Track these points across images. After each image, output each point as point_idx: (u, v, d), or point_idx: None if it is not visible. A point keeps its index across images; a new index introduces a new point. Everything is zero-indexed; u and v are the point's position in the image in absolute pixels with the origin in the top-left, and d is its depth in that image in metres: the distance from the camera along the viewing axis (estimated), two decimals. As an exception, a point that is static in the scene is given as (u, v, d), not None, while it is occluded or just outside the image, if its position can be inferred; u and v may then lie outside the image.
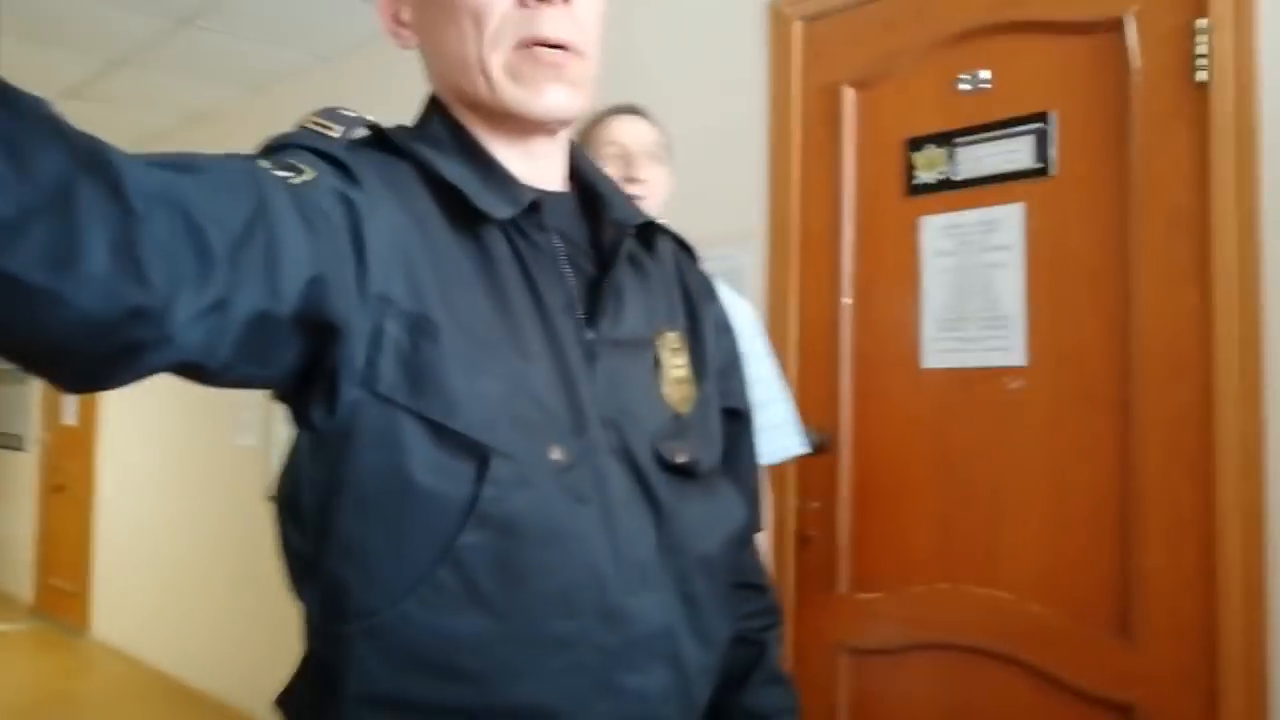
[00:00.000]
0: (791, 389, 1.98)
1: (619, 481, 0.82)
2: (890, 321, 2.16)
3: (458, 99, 0.88)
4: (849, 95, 2.26)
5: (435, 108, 0.90)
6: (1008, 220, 2.00)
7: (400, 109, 0.96)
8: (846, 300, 2.23)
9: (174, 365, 0.63)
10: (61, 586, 5.92)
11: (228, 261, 0.60)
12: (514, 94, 0.84)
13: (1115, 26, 1.87)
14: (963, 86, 2.09)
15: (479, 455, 0.75)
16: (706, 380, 0.95)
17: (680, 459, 0.87)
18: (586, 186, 0.94)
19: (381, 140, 0.83)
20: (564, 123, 0.89)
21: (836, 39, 2.30)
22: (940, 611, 2.02)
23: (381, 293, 0.74)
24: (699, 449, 0.89)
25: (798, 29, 2.36)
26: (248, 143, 0.80)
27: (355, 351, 0.73)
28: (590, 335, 0.84)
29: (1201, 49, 1.75)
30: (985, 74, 2.06)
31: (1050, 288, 1.94)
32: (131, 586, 5.20)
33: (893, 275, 2.17)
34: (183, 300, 0.58)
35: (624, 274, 0.90)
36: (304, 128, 0.81)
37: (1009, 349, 1.98)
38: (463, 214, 0.82)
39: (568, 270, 0.86)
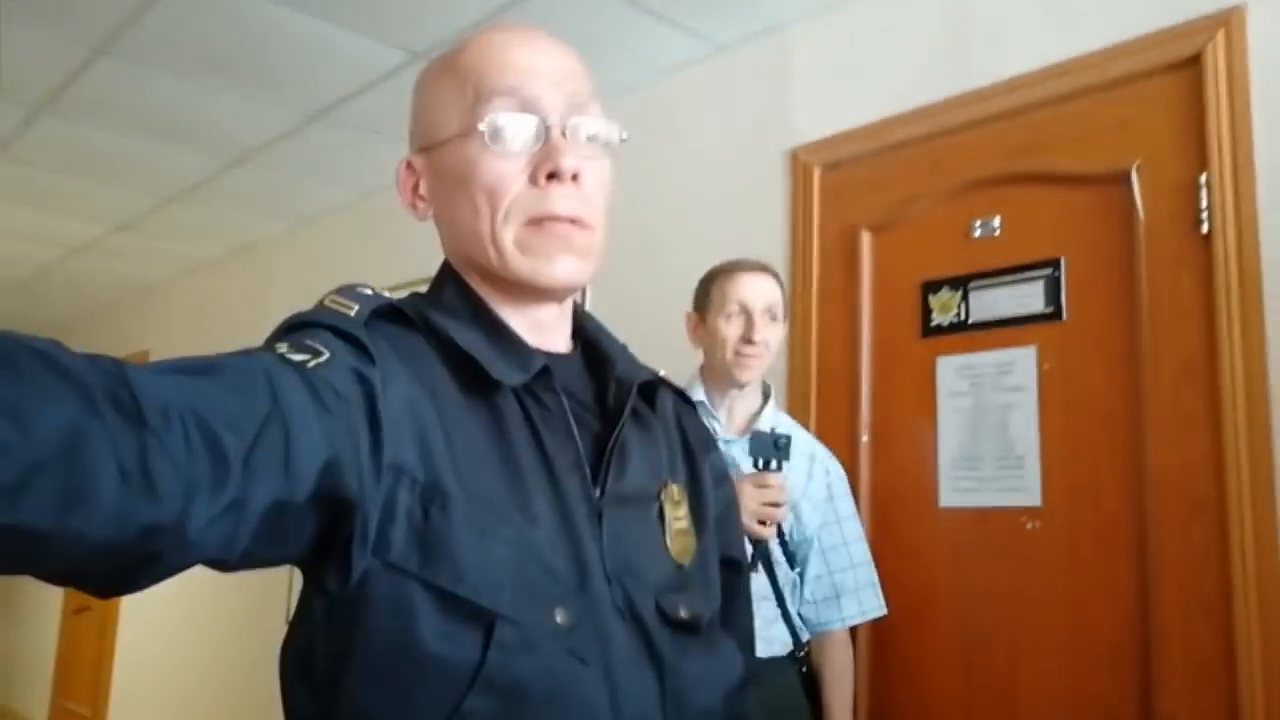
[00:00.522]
0: (809, 525, 1.99)
1: (622, 639, 0.83)
2: (907, 460, 2.19)
3: (470, 267, 0.92)
4: (866, 239, 2.35)
5: (449, 274, 0.94)
6: (1021, 362, 2.04)
7: (422, 241, 1.00)
8: (864, 438, 2.26)
9: (194, 564, 0.65)
10: (77, 710, 5.86)
11: (242, 464, 0.63)
12: (524, 265, 0.88)
13: (1122, 179, 1.95)
14: (976, 233, 2.16)
15: (485, 621, 0.76)
16: (706, 531, 0.96)
17: (683, 614, 0.88)
18: (590, 343, 0.97)
19: (395, 314, 0.86)
20: (571, 291, 0.93)
21: (855, 186, 2.39)
22: (961, 757, 1.98)
23: (395, 462, 0.76)
24: (700, 602, 0.91)
25: (817, 176, 2.46)
26: (291, 272, 0.86)
27: (369, 522, 0.74)
28: (596, 493, 0.86)
29: (1204, 201, 1.82)
30: (997, 221, 2.13)
31: (1064, 429, 1.96)
32: (148, 711, 5.14)
33: (910, 414, 2.20)
34: (198, 507, 0.60)
35: (629, 430, 0.92)
36: (323, 306, 0.84)
37: (1024, 489, 1.99)
38: (476, 380, 0.85)
39: (575, 430, 0.88)
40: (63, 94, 3.22)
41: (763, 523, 1.74)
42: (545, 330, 0.93)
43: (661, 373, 1.02)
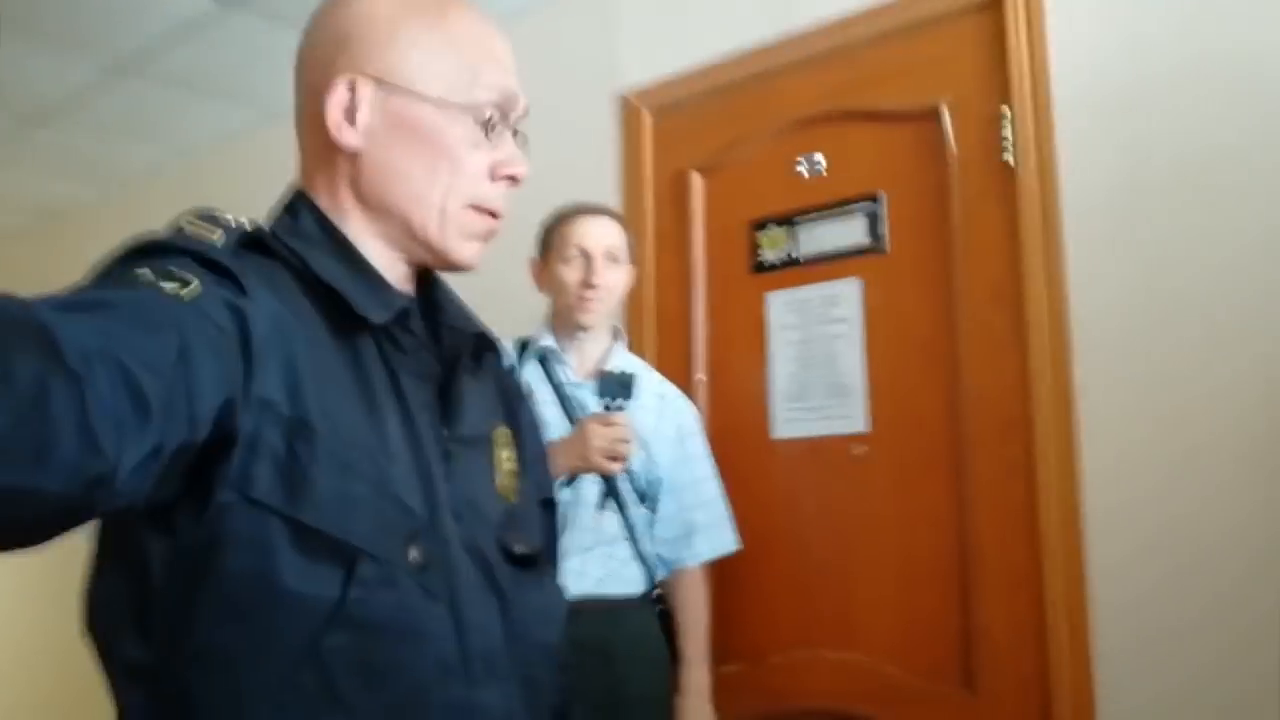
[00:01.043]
0: (647, 463, 2.01)
1: (468, 575, 0.84)
2: (742, 395, 2.23)
3: (371, 217, 0.91)
4: (697, 181, 2.37)
5: (304, 204, 0.92)
6: (847, 294, 2.11)
7: (261, 205, 0.96)
8: (700, 376, 2.29)
9: (106, 512, 0.64)
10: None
11: (161, 409, 0.62)
12: (454, 244, 0.91)
13: (934, 115, 2.02)
14: (800, 170, 2.21)
15: (347, 558, 0.76)
16: (527, 473, 0.99)
17: (519, 549, 0.90)
18: (427, 290, 0.98)
19: (257, 244, 0.84)
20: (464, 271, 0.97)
21: (684, 129, 2.41)
22: (799, 679, 2.05)
23: (262, 397, 0.74)
24: (530, 539, 0.94)
25: (647, 119, 2.46)
26: (105, 243, 0.78)
27: (234, 457, 0.73)
28: (445, 434, 0.88)
29: (1007, 133, 1.90)
30: (820, 158, 2.18)
31: (888, 357, 2.04)
32: None
33: (743, 351, 2.24)
34: (128, 455, 0.59)
35: (465, 375, 0.94)
36: (182, 231, 0.80)
37: (852, 416, 2.06)
38: (338, 316, 0.85)
39: (425, 369, 0.90)
40: None
41: (614, 459, 1.75)
42: (403, 280, 0.94)
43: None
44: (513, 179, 0.93)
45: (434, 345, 0.94)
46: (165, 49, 3.00)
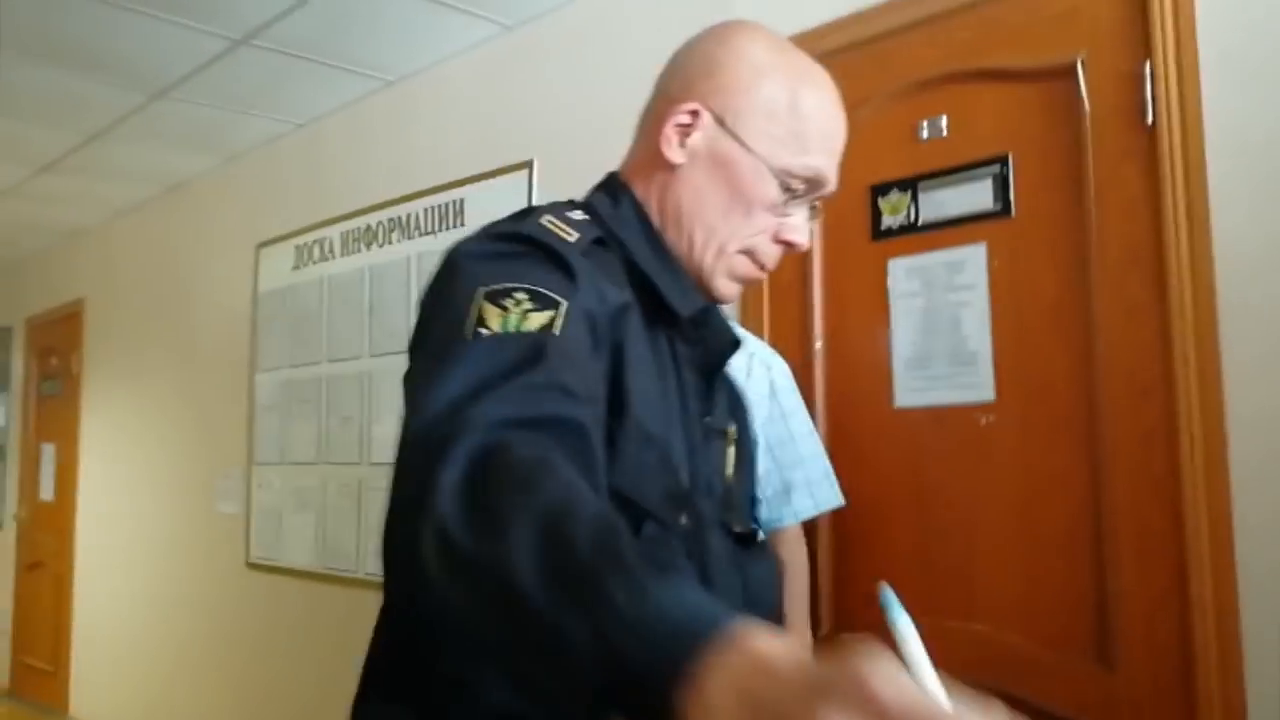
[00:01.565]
0: (768, 431, 2.01)
1: (715, 545, 0.96)
2: (862, 363, 2.20)
3: (667, 222, 1.02)
4: (814, 146, 2.33)
5: (626, 193, 1.04)
6: (971, 260, 2.06)
7: (376, 171, 1.01)
8: (818, 344, 2.27)
9: None
10: (37, 666, 5.81)
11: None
12: (719, 279, 1.01)
13: (1067, 72, 1.95)
14: (924, 134, 2.16)
15: (638, 517, 0.87)
16: (745, 465, 1.11)
17: (739, 528, 1.02)
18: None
19: (602, 241, 0.96)
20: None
21: (800, 92, 2.36)
22: (923, 648, 2.03)
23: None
24: (748, 521, 1.07)
25: (762, 84, 2.43)
26: (225, 211, 0.83)
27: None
28: (709, 420, 1.01)
29: (1149, 92, 1.82)
30: (944, 120, 2.13)
31: (1015, 323, 1.99)
32: (110, 663, 5.12)
33: (863, 318, 2.22)
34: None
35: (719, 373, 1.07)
36: (542, 224, 0.92)
37: (978, 385, 2.02)
38: (650, 304, 0.97)
39: (699, 361, 1.03)
40: (-28, 26, 3.07)
41: None
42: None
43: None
44: (790, 245, 1.02)
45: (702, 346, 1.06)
46: (283, 19, 3.07)
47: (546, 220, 0.93)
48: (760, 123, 0.98)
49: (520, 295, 0.81)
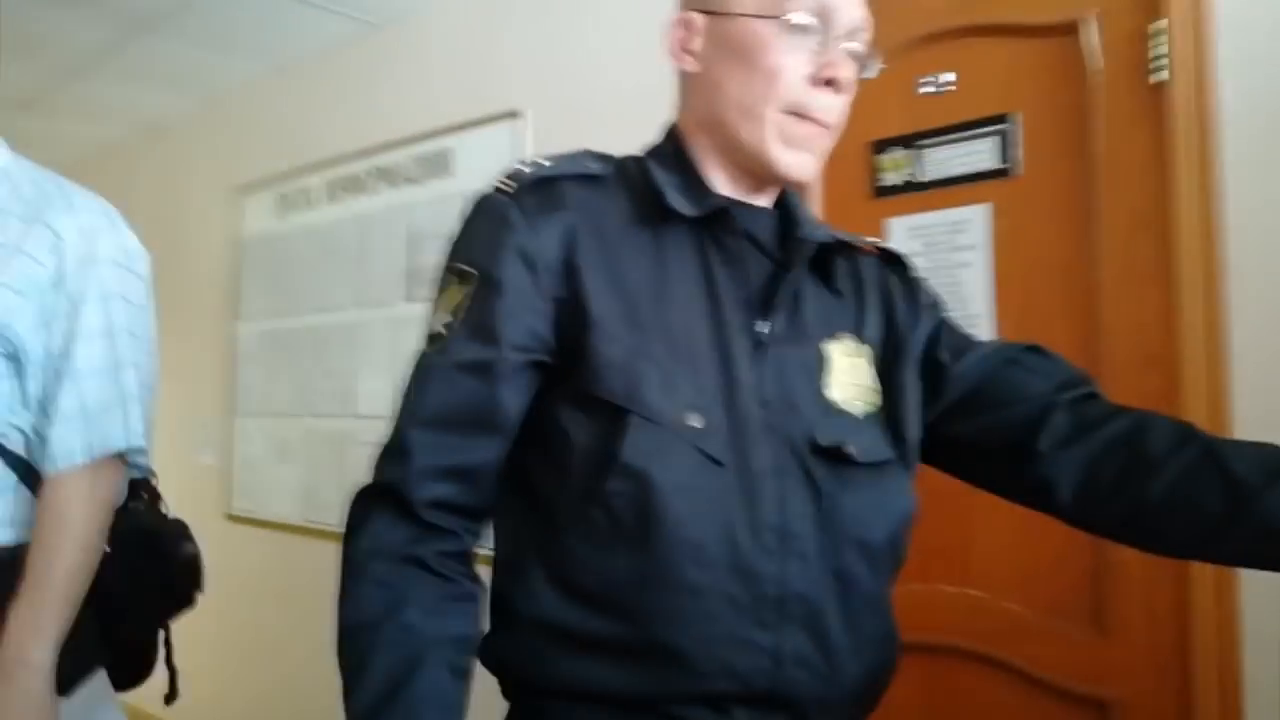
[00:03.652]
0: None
1: (767, 454, 0.93)
2: (859, 324, 2.17)
3: (707, 133, 1.03)
4: (814, 99, 2.27)
5: (670, 130, 1.08)
6: (974, 220, 2.02)
7: (354, 117, 1.00)
8: (815, 303, 2.23)
9: None
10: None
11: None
12: (774, 150, 0.98)
13: (1074, 29, 1.89)
14: (925, 89, 2.11)
15: (617, 415, 0.90)
16: (896, 381, 1.06)
17: (827, 443, 0.96)
18: (785, 206, 1.08)
19: (545, 180, 0.99)
20: (798, 185, 1.03)
21: (800, 44, 2.30)
22: (915, 613, 2.01)
23: (556, 296, 0.95)
24: (865, 443, 0.99)
25: (761, 34, 2.36)
26: (200, 155, 0.81)
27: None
28: (762, 328, 0.97)
29: (1159, 50, 1.78)
30: (948, 76, 2.08)
31: (1018, 286, 1.96)
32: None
33: (861, 277, 2.18)
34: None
35: (805, 282, 1.03)
36: (495, 188, 0.99)
37: (978, 348, 1.99)
38: (652, 213, 0.99)
39: (750, 271, 1.00)
40: (-61, -42, 2.95)
41: None
42: (748, 194, 1.05)
43: (868, 239, 1.14)
44: (831, 82, 0.96)
45: (780, 252, 1.03)
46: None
47: (498, 179, 1.00)
48: None
49: (450, 275, 0.98)
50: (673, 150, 1.05)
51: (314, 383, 3.68)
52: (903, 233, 2.12)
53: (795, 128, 0.97)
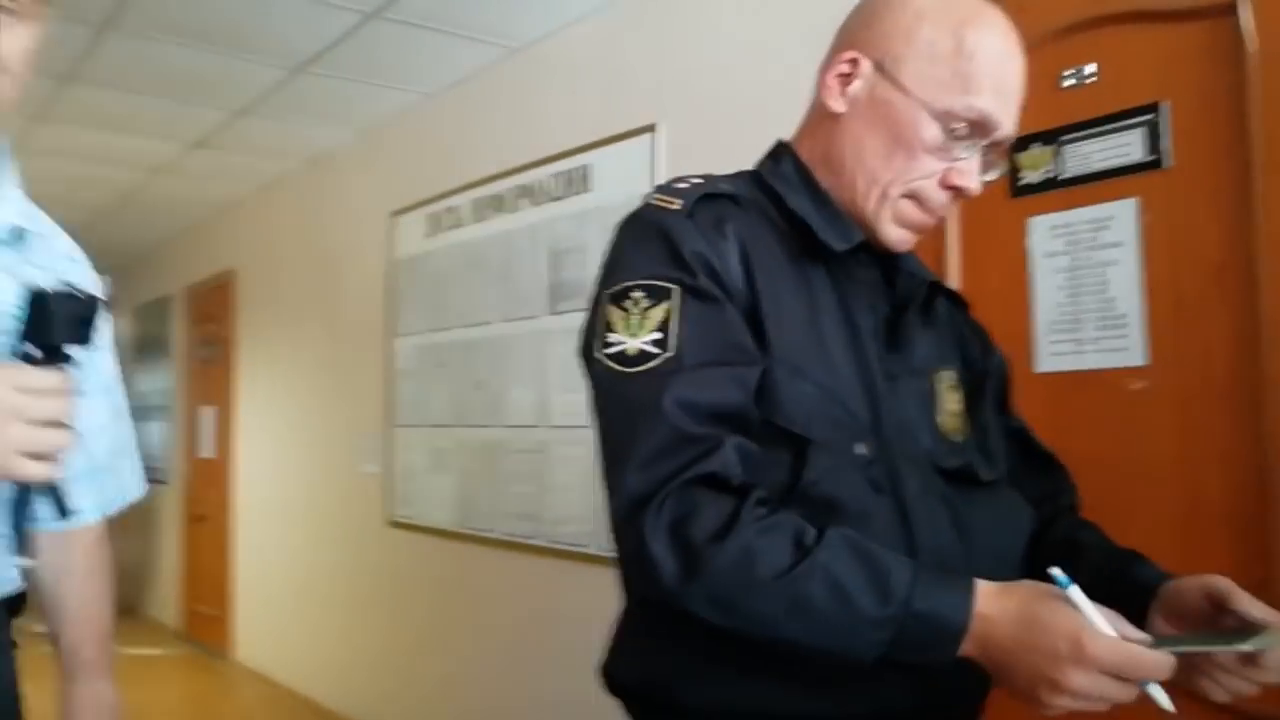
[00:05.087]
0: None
1: (912, 479, 0.97)
2: (1001, 327, 2.09)
3: (829, 173, 1.05)
4: (949, 98, 2.22)
5: (788, 153, 1.08)
6: (1120, 217, 1.93)
7: (503, 139, 1.03)
8: (954, 307, 2.18)
9: None
10: (205, 612, 6.22)
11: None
12: (885, 227, 1.02)
13: (1227, 10, 1.80)
14: (1067, 82, 2.03)
15: (799, 446, 0.92)
16: (981, 413, 1.13)
17: (954, 465, 1.02)
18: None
19: (720, 196, 1.00)
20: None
21: (933, 43, 2.26)
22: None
23: (747, 317, 0.95)
24: (978, 464, 1.05)
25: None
26: (360, 181, 0.86)
27: None
28: (893, 360, 1.02)
29: (1322, 27, 1.67)
30: (1090, 68, 2.00)
31: (1170, 283, 1.86)
32: (266, 610, 5.43)
33: (1001, 279, 2.12)
34: None
35: (913, 316, 1.07)
36: (653, 206, 1.00)
37: (1128, 349, 1.90)
38: (798, 244, 1.01)
39: (878, 304, 1.04)
40: (125, 10, 3.21)
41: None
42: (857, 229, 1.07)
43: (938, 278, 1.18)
44: (958, 190, 0.99)
45: (887, 289, 1.06)
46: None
47: (655, 199, 1.00)
48: (920, 65, 0.98)
49: (636, 294, 0.93)
50: (799, 178, 1.05)
51: (465, 394, 3.82)
52: (1044, 231, 2.05)
53: (910, 212, 1.01)
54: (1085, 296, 1.98)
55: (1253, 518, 1.72)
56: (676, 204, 0.97)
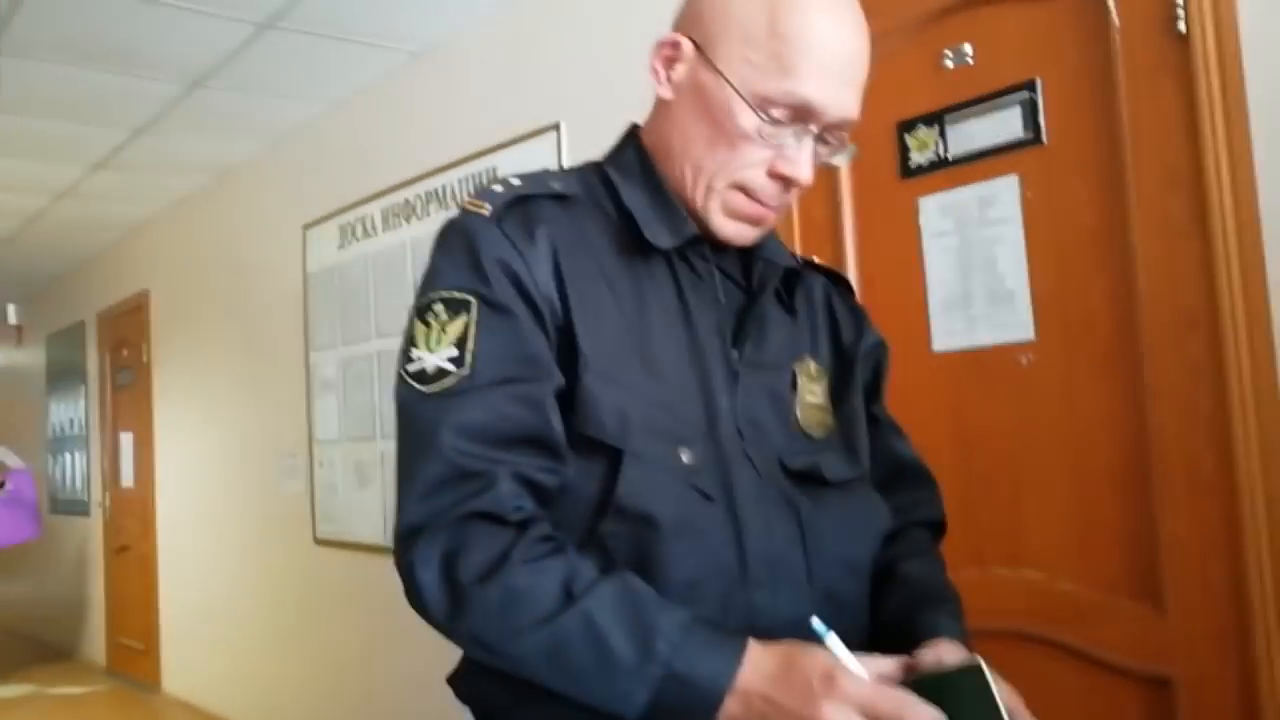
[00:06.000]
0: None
1: (749, 483, 0.92)
2: (897, 307, 2.13)
3: (665, 162, 0.99)
4: (837, 85, 2.25)
5: (633, 141, 1.04)
6: (1003, 194, 1.97)
7: (410, 144, 1.01)
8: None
9: None
10: (132, 645, 6.05)
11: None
12: (715, 217, 0.96)
13: (1089, -13, 1.84)
14: (948, 63, 2.07)
15: (613, 457, 0.87)
16: (847, 403, 1.06)
17: (799, 466, 0.96)
18: None
19: (524, 199, 0.95)
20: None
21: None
22: (970, 597, 1.95)
23: (556, 327, 0.91)
24: (831, 463, 0.99)
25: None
26: (271, 194, 0.84)
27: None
28: (735, 355, 0.96)
29: (1179, 0, 1.71)
30: (968, 48, 2.04)
31: (1052, 257, 1.90)
32: (194, 640, 5.30)
33: (895, 261, 2.15)
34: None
35: (769, 306, 1.01)
36: (466, 211, 0.94)
37: (1017, 324, 1.94)
38: (630, 239, 0.96)
39: (721, 298, 0.98)
40: (5, 30, 3.12)
41: None
42: None
43: (814, 259, 1.14)
44: (786, 180, 0.94)
45: (744, 276, 1.02)
46: (302, 1, 3.06)
47: (468, 203, 0.95)
48: (734, 47, 0.92)
49: (438, 307, 0.90)
50: (639, 167, 1.00)
51: (386, 406, 3.77)
52: (933, 211, 2.08)
53: (740, 204, 0.95)
54: (975, 274, 2.01)
55: (1137, 476, 1.77)
56: (485, 209, 0.92)
